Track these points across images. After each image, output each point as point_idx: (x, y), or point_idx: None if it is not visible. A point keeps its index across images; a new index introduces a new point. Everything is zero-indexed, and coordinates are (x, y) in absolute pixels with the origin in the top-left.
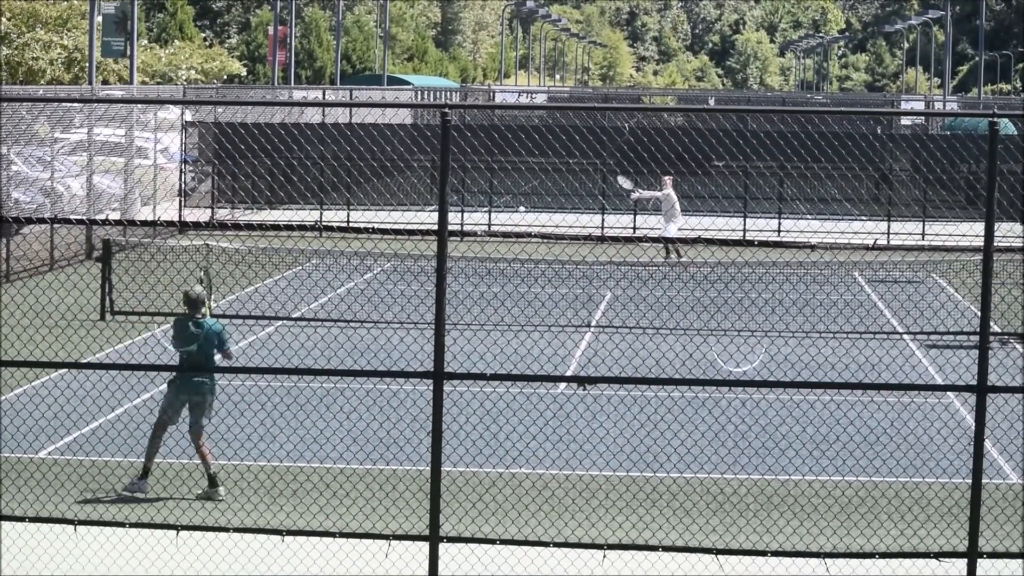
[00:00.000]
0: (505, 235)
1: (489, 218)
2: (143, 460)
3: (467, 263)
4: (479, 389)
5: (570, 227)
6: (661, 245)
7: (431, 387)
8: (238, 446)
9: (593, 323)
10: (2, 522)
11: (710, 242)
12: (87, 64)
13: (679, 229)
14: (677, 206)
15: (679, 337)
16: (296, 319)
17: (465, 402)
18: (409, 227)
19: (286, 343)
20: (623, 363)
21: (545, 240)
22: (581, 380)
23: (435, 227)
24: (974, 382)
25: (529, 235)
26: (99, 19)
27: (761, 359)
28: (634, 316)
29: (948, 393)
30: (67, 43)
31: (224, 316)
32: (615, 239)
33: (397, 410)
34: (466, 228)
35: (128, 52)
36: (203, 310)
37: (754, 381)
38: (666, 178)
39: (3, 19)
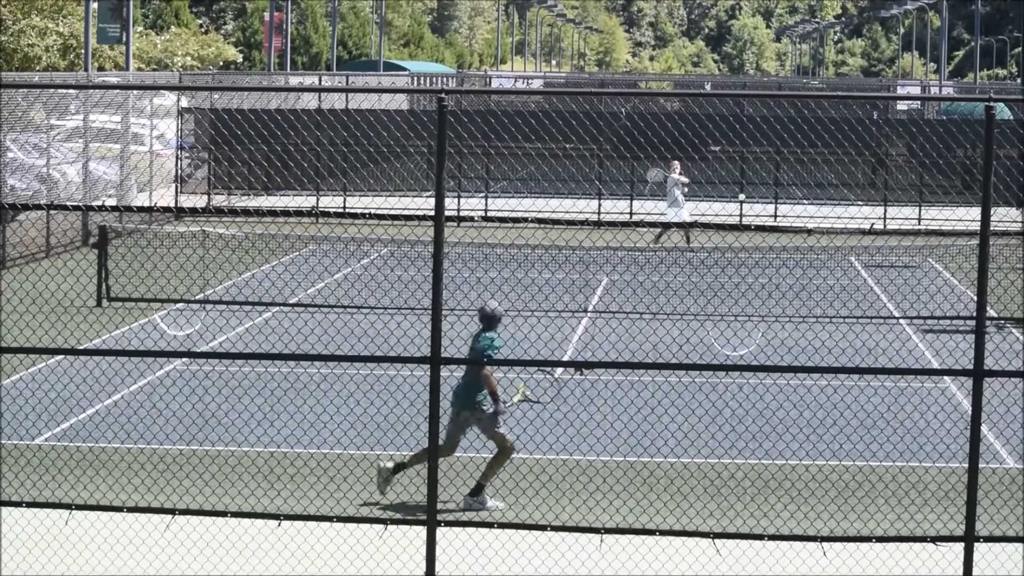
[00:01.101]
0: (502, 220)
1: (486, 203)
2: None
3: (464, 248)
4: None
5: (567, 212)
6: (681, 231)
7: (428, 372)
8: (235, 431)
9: (590, 308)
10: (1, 507)
11: (707, 227)
12: (83, 51)
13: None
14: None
15: (676, 322)
16: (293, 305)
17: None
18: (406, 213)
19: (283, 329)
20: (620, 348)
21: (542, 225)
22: (578, 365)
23: (432, 212)
24: (971, 366)
25: (526, 220)
26: (95, 6)
27: (758, 343)
28: (631, 301)
29: (945, 378)
30: (63, 30)
31: (221, 302)
32: (612, 224)
33: (394, 395)
34: (463, 213)
35: (124, 39)
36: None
37: (751, 366)
38: (676, 163)
39: None
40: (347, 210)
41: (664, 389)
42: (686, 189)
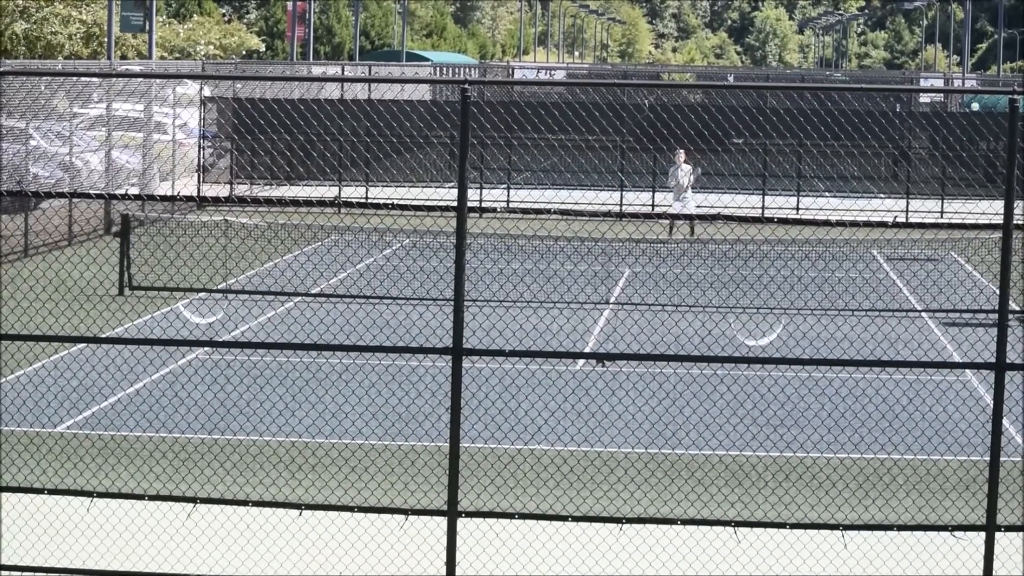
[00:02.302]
0: (525, 211)
1: (508, 194)
2: None
3: (486, 239)
4: (498, 365)
5: (589, 204)
6: (687, 223)
7: (450, 363)
8: (257, 421)
9: (612, 300)
10: (22, 494)
11: (730, 219)
12: (106, 39)
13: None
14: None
15: (698, 314)
16: (315, 295)
17: (484, 378)
18: (428, 203)
19: (305, 319)
20: (642, 340)
21: (565, 217)
22: (600, 357)
23: (454, 203)
24: (992, 359)
25: (548, 212)
26: None
27: (779, 335)
28: (653, 293)
29: (966, 371)
30: (86, 17)
31: (243, 291)
32: (635, 216)
33: (416, 386)
34: (486, 204)
35: (147, 27)
36: None
37: (772, 358)
38: (680, 152)
39: None
40: (369, 200)
41: (686, 381)
42: (692, 179)
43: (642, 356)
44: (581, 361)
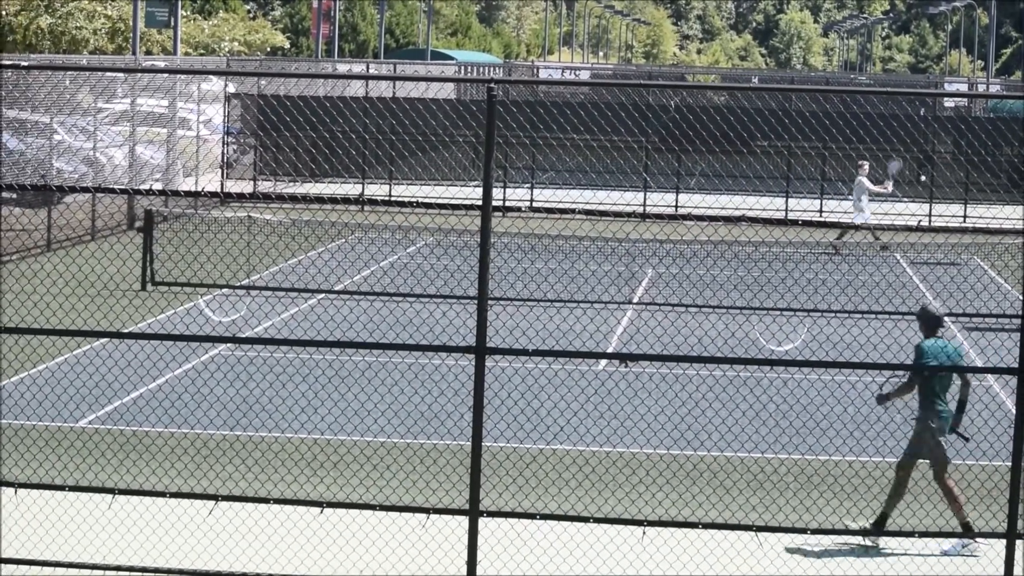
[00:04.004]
0: (549, 211)
1: (531, 194)
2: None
3: (510, 238)
4: (521, 365)
5: (614, 204)
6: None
7: (473, 362)
8: (279, 418)
9: (635, 300)
10: (42, 490)
11: (755, 221)
12: (130, 34)
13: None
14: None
15: (721, 316)
16: (339, 292)
17: (507, 377)
18: (453, 202)
19: (329, 316)
20: (665, 341)
21: (589, 217)
22: (623, 357)
23: (479, 202)
24: (1014, 364)
25: (573, 211)
26: None
27: (803, 338)
28: (676, 294)
29: (988, 376)
30: (111, 13)
31: (266, 288)
32: (659, 216)
33: (439, 384)
34: (509, 204)
35: (172, 23)
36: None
37: (796, 360)
38: (864, 164)
39: None
40: (393, 198)
41: (708, 383)
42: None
43: (665, 357)
44: (603, 361)
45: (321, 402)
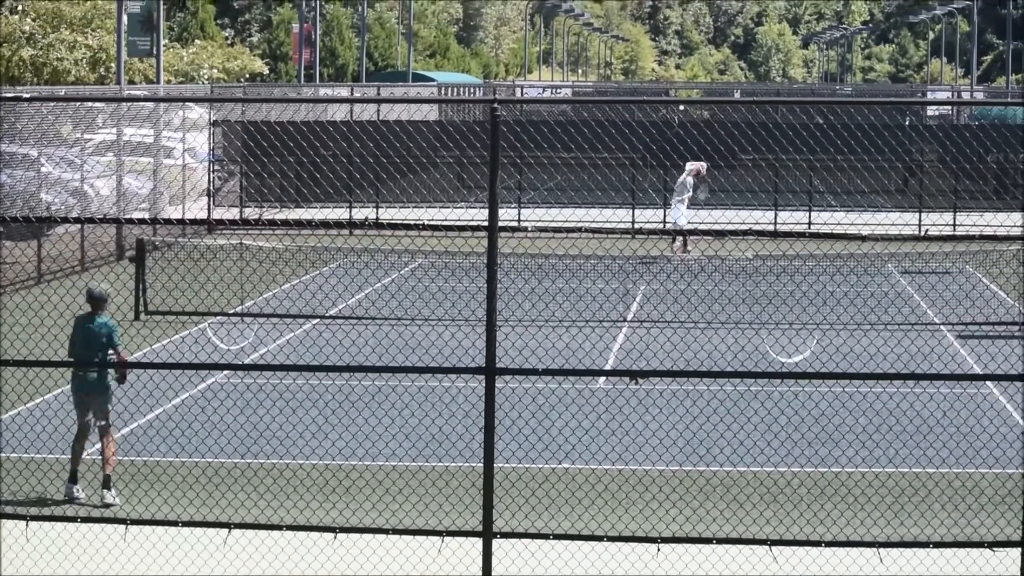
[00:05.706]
0: (556, 230)
1: (518, 213)
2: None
3: (503, 258)
4: (531, 384)
5: (606, 221)
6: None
7: (482, 383)
8: (290, 444)
9: (629, 317)
10: (54, 523)
11: (761, 234)
12: (112, 64)
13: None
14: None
15: (730, 330)
16: (346, 317)
17: (517, 397)
18: (446, 223)
19: (336, 340)
20: (675, 356)
21: (595, 235)
22: (634, 374)
23: (480, 223)
24: (1013, 371)
25: (579, 230)
26: (126, 18)
27: (812, 351)
28: (685, 310)
29: (988, 383)
30: (92, 43)
31: (261, 315)
32: (652, 232)
33: (449, 406)
34: (510, 224)
35: (154, 51)
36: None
37: (806, 373)
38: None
39: (28, 19)
40: (390, 222)
41: (719, 398)
42: (690, 193)
43: (675, 373)
44: (602, 379)
45: (332, 427)
